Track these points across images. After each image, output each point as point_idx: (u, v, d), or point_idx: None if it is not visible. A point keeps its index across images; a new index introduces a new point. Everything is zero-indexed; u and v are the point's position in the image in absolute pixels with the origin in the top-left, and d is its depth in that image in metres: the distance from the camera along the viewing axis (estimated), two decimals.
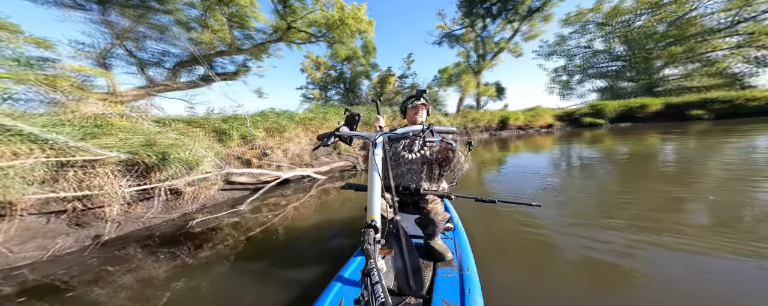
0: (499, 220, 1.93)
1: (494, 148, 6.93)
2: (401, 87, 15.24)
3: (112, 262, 1.67)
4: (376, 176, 0.72)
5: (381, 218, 0.70)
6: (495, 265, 1.31)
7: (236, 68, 7.68)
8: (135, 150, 2.35)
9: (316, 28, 7.84)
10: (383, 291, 0.44)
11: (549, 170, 3.71)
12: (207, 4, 6.74)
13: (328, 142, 0.81)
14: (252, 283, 1.33)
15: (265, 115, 4.40)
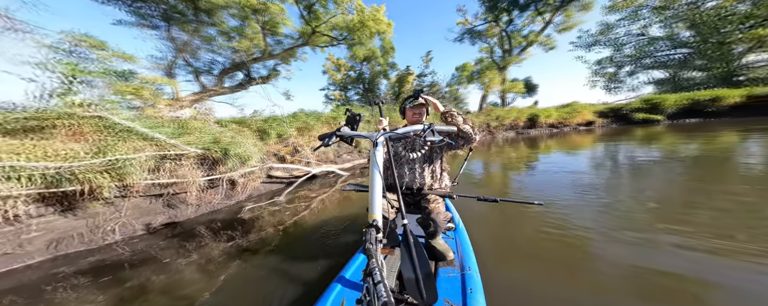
0: (502, 220, 1.92)
1: (521, 147, 6.65)
2: (420, 85, 15.20)
3: (189, 239, 2.07)
4: (377, 176, 0.70)
5: (382, 218, 0.69)
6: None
7: (268, 72, 8.53)
8: (207, 146, 2.97)
9: (338, 32, 8.27)
10: (385, 291, 0.43)
11: (588, 170, 3.43)
12: (245, 14, 7.57)
13: (329, 142, 0.80)
14: (287, 264, 1.52)
15: (297, 115, 4.96)
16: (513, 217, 1.99)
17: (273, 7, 7.50)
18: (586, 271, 1.26)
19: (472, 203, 1.38)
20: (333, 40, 8.46)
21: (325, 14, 7.82)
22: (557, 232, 1.67)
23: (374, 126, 5.89)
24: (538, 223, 1.81)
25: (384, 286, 0.44)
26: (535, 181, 3.20)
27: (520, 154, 5.43)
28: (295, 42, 8.38)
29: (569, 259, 1.37)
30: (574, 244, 1.51)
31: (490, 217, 1.99)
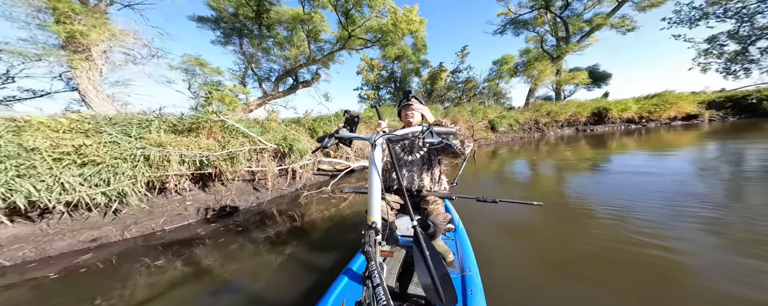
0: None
1: (582, 146, 5.93)
2: (454, 82, 14.48)
3: (268, 217, 2.62)
4: (376, 177, 0.69)
5: (381, 220, 0.68)
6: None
7: (312, 76, 9.73)
8: (279, 142, 3.90)
9: (372, 34, 8.77)
10: (385, 293, 0.43)
11: (685, 174, 2.75)
12: (293, 25, 8.77)
13: (327, 144, 0.80)
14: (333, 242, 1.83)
15: (338, 115, 5.73)
16: (562, 225, 1.78)
17: (316, 16, 8.47)
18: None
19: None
20: (367, 43, 9.02)
21: (360, 18, 8.39)
22: (635, 245, 1.40)
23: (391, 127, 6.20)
24: (615, 233, 1.55)
25: (383, 289, 0.44)
26: (602, 184, 2.73)
27: (581, 155, 4.86)
28: (333, 47, 9.27)
29: (647, 280, 1.12)
30: (656, 261, 1.22)
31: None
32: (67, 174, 2.04)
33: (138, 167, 2.45)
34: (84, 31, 4.23)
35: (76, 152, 2.19)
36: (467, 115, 8.31)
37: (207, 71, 6.24)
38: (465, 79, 14.27)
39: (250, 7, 7.79)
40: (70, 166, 2.10)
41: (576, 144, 6.50)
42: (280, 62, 9.08)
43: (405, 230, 1.21)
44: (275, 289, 1.36)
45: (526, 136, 9.34)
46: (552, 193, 2.74)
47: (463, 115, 8.32)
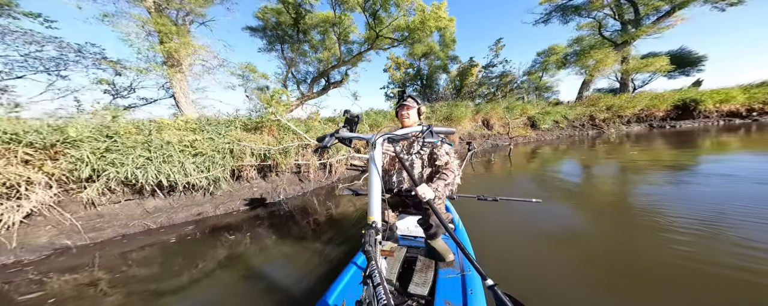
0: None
1: (656, 145, 5.07)
2: (486, 77, 13.53)
3: (309, 205, 3.05)
4: (376, 177, 0.69)
5: (383, 221, 0.68)
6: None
7: (341, 77, 10.43)
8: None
9: (399, 33, 8.93)
10: (385, 293, 0.44)
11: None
12: (325, 29, 9.47)
13: (327, 143, 0.80)
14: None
15: (368, 114, 6.21)
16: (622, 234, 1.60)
17: (346, 19, 8.99)
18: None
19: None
20: (394, 42, 9.22)
21: (387, 18, 8.61)
22: (727, 267, 1.14)
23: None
24: (698, 250, 1.29)
25: (384, 289, 0.45)
26: (685, 190, 2.26)
27: (654, 156, 4.01)
28: (362, 47, 9.73)
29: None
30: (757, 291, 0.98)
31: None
32: (187, 162, 2.89)
33: (225, 158, 3.26)
34: (177, 48, 5.48)
35: (191, 146, 3.06)
36: (502, 112, 7.72)
37: (255, 77, 7.35)
38: (500, 74, 13.16)
39: (290, 14, 8.69)
40: (188, 156, 2.96)
41: (648, 143, 5.57)
42: (313, 64, 9.99)
43: (405, 230, 1.23)
44: (305, 267, 1.54)
45: (578, 133, 8.43)
46: (608, 198, 2.33)
47: (497, 112, 7.84)
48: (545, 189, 2.91)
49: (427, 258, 1.11)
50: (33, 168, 2.07)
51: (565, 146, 6.33)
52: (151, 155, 2.63)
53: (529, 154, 5.60)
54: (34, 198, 2.04)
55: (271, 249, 1.95)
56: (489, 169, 4.48)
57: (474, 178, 3.93)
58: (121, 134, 2.61)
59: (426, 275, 0.99)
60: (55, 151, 2.18)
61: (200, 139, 3.17)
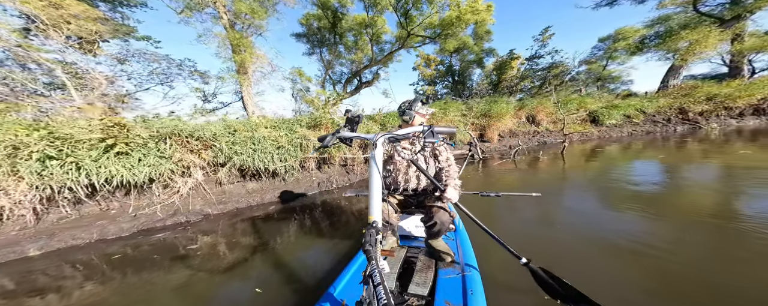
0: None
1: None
2: (530, 70, 12.30)
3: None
4: (377, 177, 0.70)
5: (384, 222, 0.68)
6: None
7: (372, 76, 11.03)
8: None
9: (431, 30, 9.05)
10: (386, 293, 0.44)
11: None
12: (359, 31, 10.07)
13: (328, 143, 0.82)
14: None
15: (388, 115, 6.63)
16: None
17: (378, 20, 9.44)
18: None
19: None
20: (425, 39, 9.39)
21: (419, 16, 8.78)
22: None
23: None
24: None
25: (384, 288, 0.45)
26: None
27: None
28: (393, 46, 10.11)
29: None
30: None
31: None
32: (275, 153, 3.73)
33: (296, 151, 4.05)
34: (245, 58, 6.62)
35: (275, 140, 3.91)
36: (552, 108, 7.06)
37: (302, 80, 8.37)
38: (548, 65, 11.80)
39: (328, 19, 9.48)
40: (274, 149, 3.80)
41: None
42: (347, 65, 10.76)
43: (406, 230, 1.25)
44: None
45: (660, 130, 7.14)
46: (698, 209, 1.92)
47: (546, 107, 7.14)
48: (605, 192, 2.49)
49: (427, 258, 1.13)
50: (195, 155, 3.03)
51: (641, 144, 5.48)
52: (256, 147, 3.50)
53: (588, 153, 5.11)
54: (195, 176, 3.01)
55: (324, 230, 2.21)
56: (535, 167, 4.31)
57: (513, 173, 3.93)
58: (238, 131, 3.52)
59: (426, 275, 1.01)
60: (205, 144, 3.13)
61: (281, 135, 4.01)
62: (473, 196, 1.51)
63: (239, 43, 6.52)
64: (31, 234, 2.04)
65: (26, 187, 1.93)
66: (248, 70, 6.98)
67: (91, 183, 2.21)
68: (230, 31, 6.64)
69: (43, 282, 1.61)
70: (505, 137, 6.69)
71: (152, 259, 1.84)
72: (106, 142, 2.24)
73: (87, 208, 2.39)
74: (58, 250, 2.03)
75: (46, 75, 4.45)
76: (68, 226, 2.20)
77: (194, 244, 2.04)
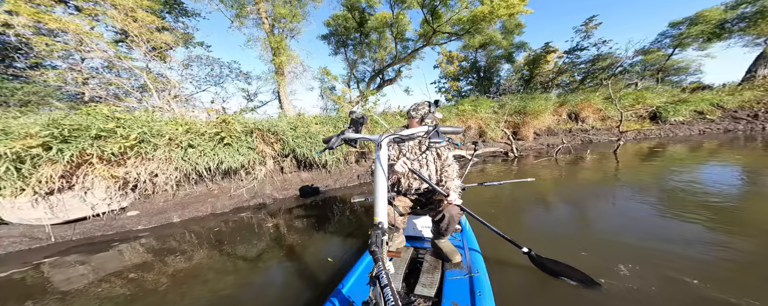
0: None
1: None
2: (570, 63, 11.57)
3: None
4: (382, 178, 0.72)
5: (390, 226, 0.70)
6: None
7: (395, 74, 11.43)
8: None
9: (458, 26, 9.19)
10: (392, 294, 0.45)
11: None
12: (382, 29, 10.48)
13: (334, 145, 0.84)
14: None
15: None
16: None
17: (403, 18, 9.76)
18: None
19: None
20: (451, 36, 9.55)
21: (446, 13, 8.95)
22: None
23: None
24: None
25: (391, 290, 0.46)
26: None
27: None
28: (416, 44, 10.40)
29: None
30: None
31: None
32: (320, 147, 4.28)
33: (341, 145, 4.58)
34: (284, 60, 7.34)
35: (324, 135, 4.47)
36: (601, 103, 6.74)
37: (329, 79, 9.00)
38: (593, 58, 10.95)
39: (355, 20, 10.00)
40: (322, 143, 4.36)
41: None
42: (370, 64, 11.26)
43: (412, 231, 1.30)
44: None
45: (745, 128, 6.39)
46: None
47: (592, 102, 6.76)
48: (666, 196, 2.21)
49: (433, 259, 1.15)
50: (269, 147, 3.66)
51: (715, 144, 4.88)
52: (311, 141, 4.08)
53: (646, 153, 4.66)
54: (268, 165, 3.63)
55: (363, 218, 2.33)
56: (581, 166, 4.07)
57: (552, 171, 3.82)
58: (297, 126, 4.12)
59: (433, 276, 1.02)
60: (277, 138, 3.75)
61: (328, 130, 4.56)
62: (510, 197, 1.73)
63: (278, 45, 7.24)
64: (171, 205, 2.72)
65: (173, 168, 2.60)
66: (284, 70, 7.71)
67: (207, 167, 2.86)
68: (271, 35, 7.38)
69: (174, 244, 2.07)
70: (541, 135, 6.58)
71: (240, 233, 2.24)
72: (220, 135, 2.88)
73: (199, 188, 3.07)
74: (189, 218, 2.69)
75: (133, 80, 5.41)
76: (192, 201, 2.87)
77: (268, 223, 2.45)
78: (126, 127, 2.25)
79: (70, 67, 4.62)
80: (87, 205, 2.11)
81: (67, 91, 4.62)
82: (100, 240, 2.15)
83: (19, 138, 1.73)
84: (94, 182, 2.09)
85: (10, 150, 1.67)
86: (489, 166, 4.90)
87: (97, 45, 4.56)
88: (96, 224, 2.25)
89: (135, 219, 2.44)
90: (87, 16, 4.57)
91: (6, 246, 1.91)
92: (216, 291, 1.37)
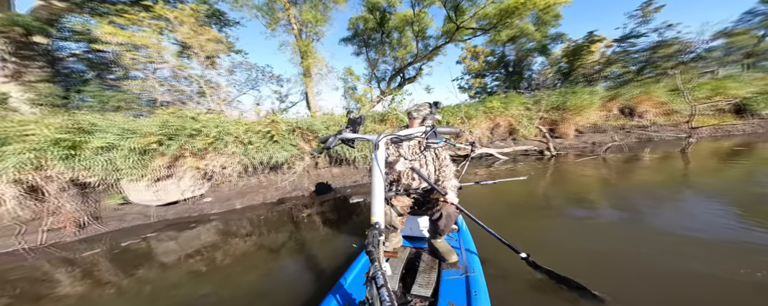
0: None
1: None
2: (623, 52, 10.44)
3: None
4: (379, 178, 0.73)
5: (389, 226, 0.71)
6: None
7: (415, 72, 11.54)
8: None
9: (485, 21, 8.97)
10: (388, 294, 0.46)
11: None
12: (402, 28, 10.64)
13: (331, 144, 0.84)
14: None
15: (459, 106, 6.91)
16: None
17: (424, 15, 9.81)
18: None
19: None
20: (476, 31, 9.36)
21: (471, 8, 8.79)
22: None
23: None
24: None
25: (387, 290, 0.47)
26: None
27: None
28: (438, 41, 10.36)
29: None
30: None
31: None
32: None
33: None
34: (311, 62, 7.95)
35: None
36: (664, 96, 6.07)
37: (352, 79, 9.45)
38: (655, 44, 9.61)
39: (376, 20, 10.32)
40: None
41: None
42: (390, 62, 11.52)
43: (409, 231, 1.33)
44: None
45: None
46: None
47: (654, 96, 6.14)
48: (753, 204, 1.94)
49: (430, 259, 1.18)
50: (307, 144, 4.12)
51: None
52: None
53: (725, 152, 4.22)
54: (306, 160, 4.09)
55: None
56: (634, 166, 3.73)
57: (599, 171, 3.60)
58: (330, 125, 4.54)
59: (429, 276, 1.04)
60: (315, 135, 4.20)
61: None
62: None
63: (306, 49, 7.87)
64: (234, 194, 3.28)
65: (237, 161, 3.15)
66: (312, 72, 8.34)
67: (261, 161, 3.37)
68: (299, 39, 8.05)
69: (234, 228, 2.45)
70: (585, 133, 6.14)
71: (282, 220, 2.60)
72: (270, 133, 3.38)
73: (253, 180, 3.61)
74: (247, 206, 3.22)
75: (192, 86, 6.39)
76: (249, 191, 3.41)
77: (303, 213, 2.79)
78: (207, 127, 2.82)
79: (148, 77, 5.63)
80: (179, 191, 2.71)
81: (144, 98, 5.65)
82: (186, 221, 2.72)
83: (144, 136, 2.35)
84: (186, 172, 2.67)
85: (140, 145, 2.29)
86: (520, 165, 4.79)
87: (165, 57, 5.52)
88: (183, 207, 2.85)
89: (209, 204, 3.02)
90: (157, 32, 5.54)
91: (130, 220, 2.55)
92: (263, 272, 1.61)
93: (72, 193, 2.23)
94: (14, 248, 2.02)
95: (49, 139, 2.05)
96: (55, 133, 2.10)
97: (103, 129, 2.31)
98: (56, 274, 1.77)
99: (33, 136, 2.01)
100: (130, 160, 2.33)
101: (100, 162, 2.21)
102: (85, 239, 2.27)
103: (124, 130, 2.37)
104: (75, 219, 2.17)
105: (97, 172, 2.20)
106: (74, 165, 2.09)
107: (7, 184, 1.96)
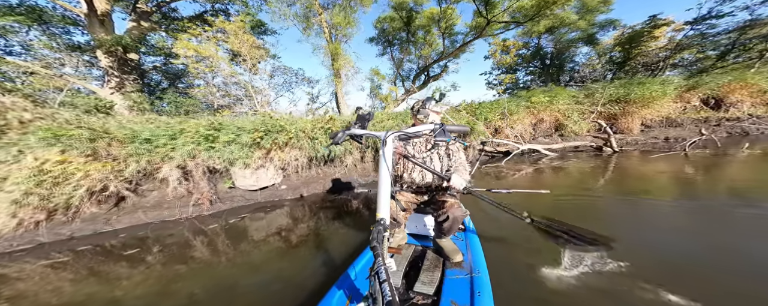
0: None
1: None
2: (697, 36, 9.35)
3: None
4: (386, 174, 0.77)
5: (393, 220, 0.75)
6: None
7: (440, 70, 11.85)
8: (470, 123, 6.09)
9: (520, 13, 9.01)
10: (391, 290, 0.49)
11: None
12: (429, 27, 11.02)
13: (339, 140, 0.90)
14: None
15: (498, 102, 7.00)
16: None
17: (451, 12, 10.09)
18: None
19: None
20: (508, 25, 9.42)
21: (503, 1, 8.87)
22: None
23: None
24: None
25: (389, 285, 0.50)
26: None
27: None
28: (466, 38, 10.56)
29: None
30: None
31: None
32: None
33: None
34: (341, 64, 8.70)
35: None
36: (764, 83, 5.54)
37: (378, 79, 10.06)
38: (743, 24, 8.46)
39: (402, 19, 10.85)
40: None
41: None
42: (414, 61, 11.98)
43: (414, 228, 1.36)
44: None
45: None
46: None
47: (750, 83, 5.54)
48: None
49: (435, 257, 1.21)
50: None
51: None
52: None
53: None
54: (355, 154, 4.67)
55: None
56: (726, 164, 3.53)
57: (687, 168, 3.37)
58: (374, 122, 5.11)
59: (433, 274, 1.08)
60: None
61: (396, 125, 5.41)
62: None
63: (336, 51, 8.63)
64: (301, 183, 3.94)
65: (304, 155, 3.81)
66: (341, 73, 9.09)
67: (322, 155, 4.00)
68: (330, 42, 8.86)
69: (299, 214, 2.87)
70: (653, 127, 5.72)
71: (338, 208, 2.97)
72: (329, 130, 4.02)
73: (313, 172, 4.27)
74: (310, 194, 3.83)
75: (240, 90, 7.44)
76: (311, 181, 4.06)
77: (352, 203, 3.21)
78: (288, 125, 3.54)
79: (208, 84, 6.73)
80: (267, 179, 3.41)
81: (206, 102, 6.75)
82: (270, 204, 3.35)
83: (250, 132, 3.11)
84: (271, 162, 3.38)
85: (250, 139, 3.04)
86: (571, 163, 4.57)
87: (220, 65, 6.55)
88: (268, 193, 3.55)
89: (285, 191, 3.70)
90: (216, 43, 6.60)
91: (236, 201, 3.26)
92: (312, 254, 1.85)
93: (206, 177, 3.02)
94: (177, 217, 2.77)
95: (201, 134, 2.86)
96: (205, 130, 2.94)
97: (226, 127, 3.08)
98: (194, 242, 2.41)
99: (188, 133, 2.85)
100: (243, 151, 3.07)
101: (226, 152, 2.99)
102: (212, 215, 2.93)
103: (237, 128, 3.14)
104: (209, 197, 2.93)
105: (224, 159, 2.93)
106: (212, 155, 2.89)
107: (175, 169, 2.78)
